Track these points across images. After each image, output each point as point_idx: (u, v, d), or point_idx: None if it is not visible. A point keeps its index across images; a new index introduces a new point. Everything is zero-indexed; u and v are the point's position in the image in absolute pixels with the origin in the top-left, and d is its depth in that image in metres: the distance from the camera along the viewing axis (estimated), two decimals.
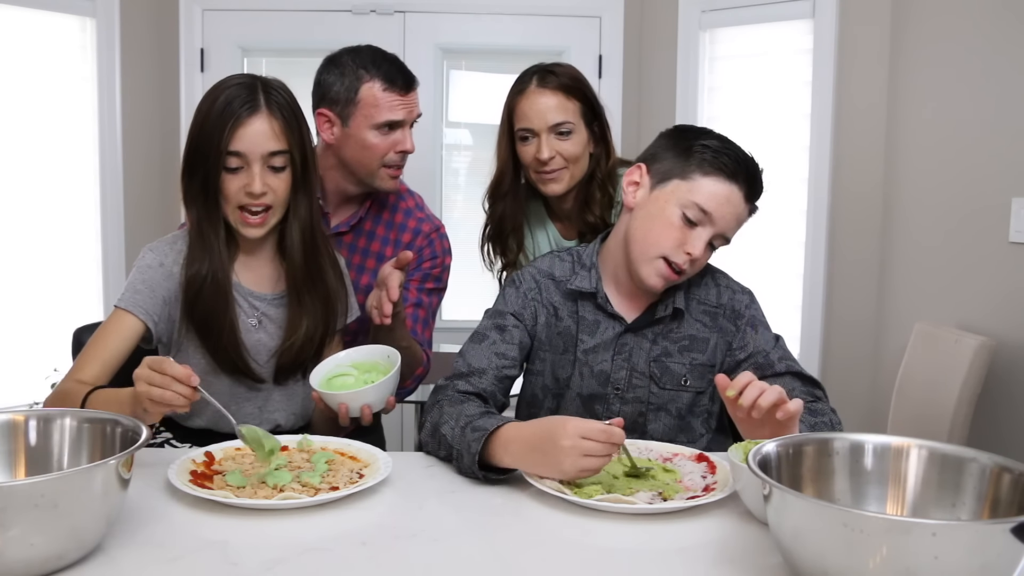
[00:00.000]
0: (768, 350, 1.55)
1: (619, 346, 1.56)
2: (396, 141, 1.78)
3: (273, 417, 1.61)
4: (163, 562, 1.04)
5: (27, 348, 3.08)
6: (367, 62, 1.77)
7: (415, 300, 1.84)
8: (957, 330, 2.41)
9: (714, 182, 1.46)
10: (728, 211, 1.47)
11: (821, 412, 1.46)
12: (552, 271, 1.61)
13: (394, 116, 1.76)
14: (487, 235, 1.99)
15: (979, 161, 2.48)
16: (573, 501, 1.22)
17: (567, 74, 1.85)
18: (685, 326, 1.56)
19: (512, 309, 1.59)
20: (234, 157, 1.46)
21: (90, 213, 3.31)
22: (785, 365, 1.53)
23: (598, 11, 3.54)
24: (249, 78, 1.51)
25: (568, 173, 1.84)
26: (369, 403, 1.47)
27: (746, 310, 1.58)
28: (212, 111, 1.47)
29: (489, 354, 1.54)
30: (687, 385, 1.55)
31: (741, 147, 1.51)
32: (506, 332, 1.56)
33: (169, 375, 1.25)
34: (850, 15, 3.04)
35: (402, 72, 1.79)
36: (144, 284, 1.52)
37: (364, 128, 1.76)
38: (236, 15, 3.51)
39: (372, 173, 1.80)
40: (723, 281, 1.61)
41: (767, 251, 3.20)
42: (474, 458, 1.30)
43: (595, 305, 1.57)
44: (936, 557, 0.84)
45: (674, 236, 1.47)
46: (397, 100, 1.76)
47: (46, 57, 3.14)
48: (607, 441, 1.22)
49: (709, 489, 1.29)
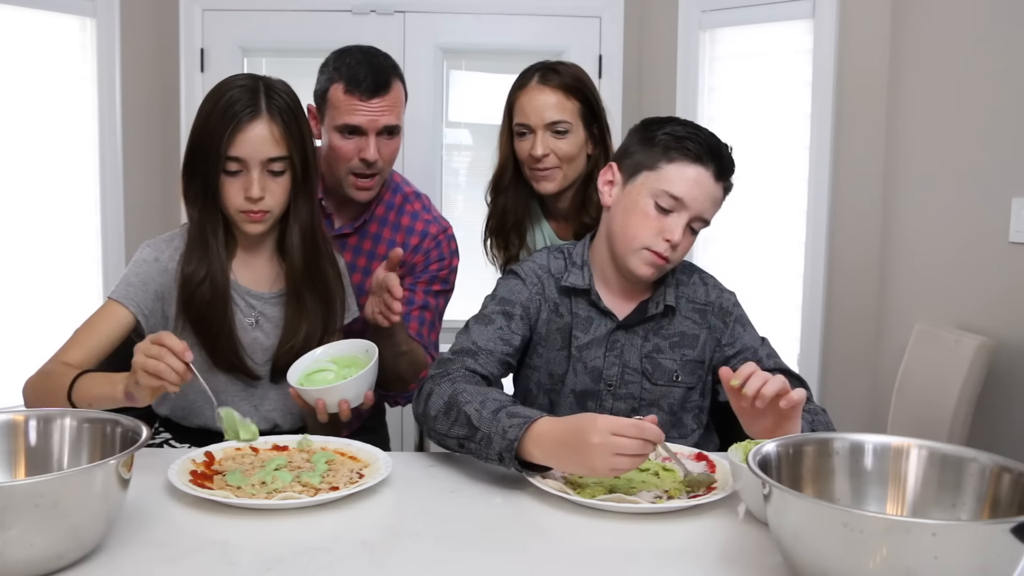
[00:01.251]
0: (756, 347, 1.58)
1: (611, 343, 1.57)
2: (361, 147, 1.72)
3: (271, 416, 1.61)
4: (163, 562, 1.04)
5: (27, 348, 3.08)
6: (342, 62, 1.73)
7: (421, 302, 1.82)
8: (957, 330, 2.41)
9: (680, 167, 1.48)
10: (699, 193, 1.49)
11: (815, 411, 1.48)
12: (549, 267, 1.62)
13: (351, 120, 1.70)
14: (489, 228, 1.99)
15: (979, 161, 2.48)
16: (575, 501, 1.22)
17: (570, 74, 1.85)
18: (676, 323, 1.58)
19: (521, 300, 1.58)
20: (233, 162, 1.47)
21: (90, 213, 3.31)
22: (773, 362, 1.57)
23: (598, 11, 3.54)
24: (252, 80, 1.51)
25: (561, 173, 1.84)
26: (347, 398, 1.46)
27: (734, 308, 1.62)
28: (213, 113, 1.47)
29: (495, 338, 1.53)
30: (678, 381, 1.58)
31: (705, 129, 1.53)
32: (512, 321, 1.56)
33: (166, 346, 1.26)
34: (850, 15, 3.04)
35: (372, 76, 1.70)
36: (137, 278, 1.53)
37: (330, 129, 1.74)
38: (236, 15, 3.51)
39: (340, 179, 1.76)
40: (710, 281, 1.65)
41: (767, 251, 3.20)
42: (511, 445, 1.26)
43: (588, 302, 1.59)
44: (936, 557, 0.84)
45: (651, 226, 1.49)
46: (357, 104, 1.69)
47: (46, 57, 3.14)
48: (638, 437, 1.18)
49: (711, 489, 1.29)
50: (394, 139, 1.77)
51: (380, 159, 1.74)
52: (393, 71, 1.76)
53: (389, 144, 1.76)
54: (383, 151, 1.74)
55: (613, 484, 1.29)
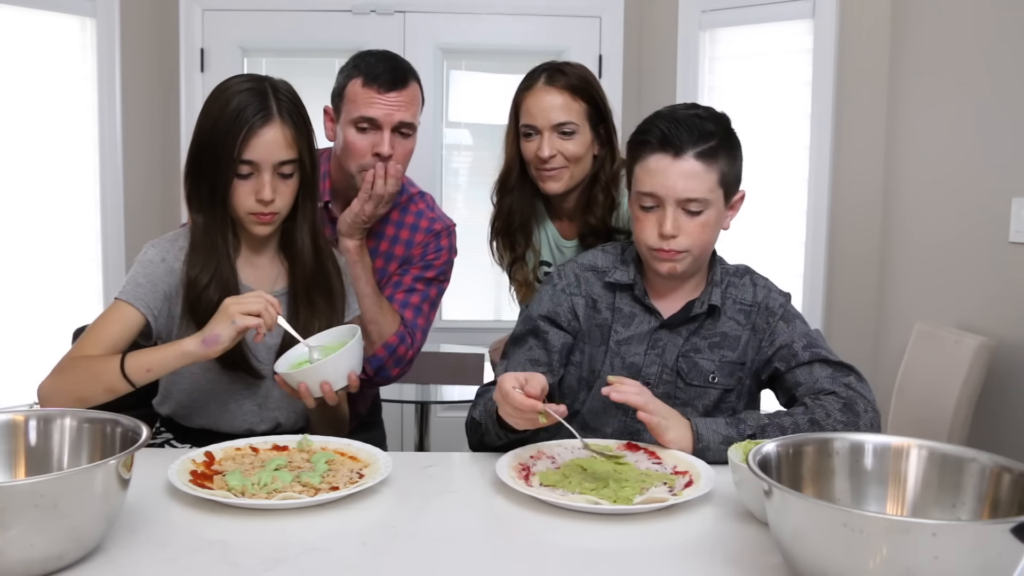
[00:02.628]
0: (793, 341, 1.55)
1: (653, 340, 1.57)
2: (375, 143, 1.73)
3: (273, 415, 1.62)
4: (163, 562, 1.04)
5: (27, 348, 3.08)
6: (361, 60, 1.75)
7: (408, 286, 1.83)
8: (957, 330, 2.41)
9: (643, 164, 1.50)
10: (665, 179, 1.47)
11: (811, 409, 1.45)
12: (596, 263, 1.64)
13: (368, 112, 1.71)
14: (495, 229, 1.99)
15: (979, 161, 2.48)
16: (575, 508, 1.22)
17: (577, 74, 1.85)
18: (719, 324, 1.58)
19: (543, 312, 1.61)
20: (246, 165, 1.47)
21: (90, 213, 3.31)
22: (811, 353, 1.53)
23: (598, 11, 3.55)
24: (257, 82, 1.51)
25: (568, 173, 1.84)
26: (328, 379, 1.45)
27: (780, 308, 1.59)
28: (223, 117, 1.47)
29: (524, 360, 1.59)
30: (715, 382, 1.56)
31: (663, 113, 1.52)
32: (540, 337, 1.60)
33: (264, 297, 1.41)
34: (850, 15, 3.04)
35: (391, 71, 1.72)
36: (146, 278, 1.53)
37: (346, 124, 1.75)
38: (236, 15, 3.51)
39: (352, 177, 1.77)
40: (761, 282, 1.63)
41: (767, 251, 3.20)
42: (492, 415, 1.40)
43: (632, 297, 1.59)
44: (936, 557, 0.84)
45: (647, 227, 1.51)
46: (375, 96, 1.71)
47: (46, 57, 3.14)
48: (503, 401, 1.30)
49: (691, 483, 1.29)
50: (408, 140, 1.78)
51: (394, 156, 1.74)
52: (411, 72, 1.78)
53: (404, 144, 1.77)
54: (397, 149, 1.75)
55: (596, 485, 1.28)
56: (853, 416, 1.43)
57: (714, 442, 1.39)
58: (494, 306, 3.69)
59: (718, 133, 1.49)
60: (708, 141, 1.47)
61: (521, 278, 1.96)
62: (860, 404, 1.45)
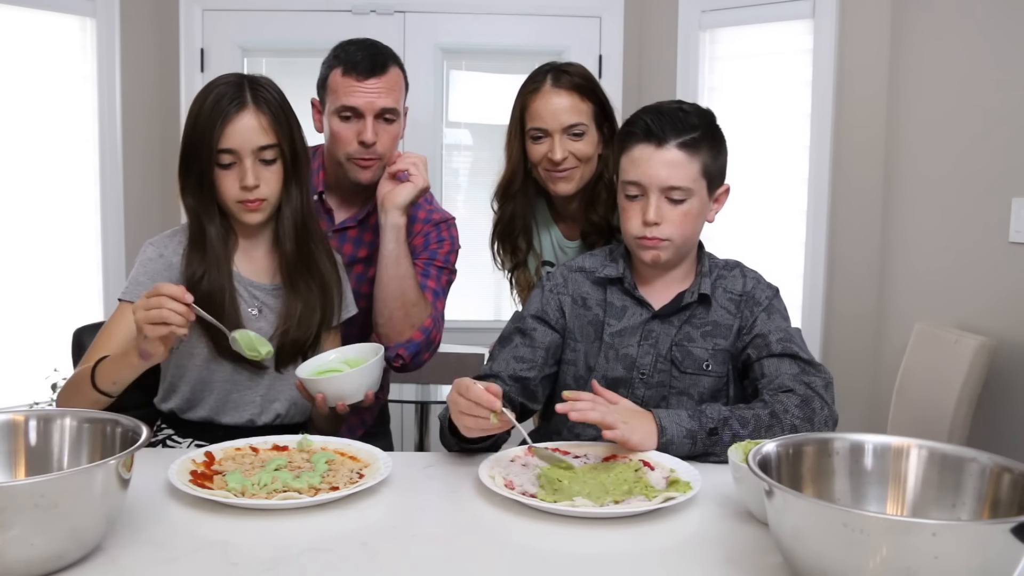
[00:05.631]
0: (769, 332, 1.56)
1: (646, 332, 1.59)
2: (359, 131, 1.74)
3: (274, 407, 1.62)
4: (163, 562, 1.04)
5: (27, 348, 3.08)
6: (341, 49, 1.77)
7: (422, 270, 1.82)
8: (957, 330, 2.41)
9: (628, 155, 1.55)
10: (647, 168, 1.52)
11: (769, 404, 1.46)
12: (583, 264, 1.68)
13: (349, 101, 1.72)
14: (497, 234, 1.98)
15: (979, 161, 2.48)
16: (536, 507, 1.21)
17: (580, 74, 1.85)
18: (711, 312, 1.60)
19: (532, 311, 1.65)
20: (226, 154, 1.51)
21: (90, 213, 3.31)
22: (783, 347, 1.54)
23: (598, 11, 3.55)
24: (237, 76, 1.56)
25: (579, 173, 1.84)
26: (346, 391, 1.51)
27: (765, 299, 1.61)
28: (202, 111, 1.52)
29: (508, 358, 1.61)
30: (709, 370, 1.58)
31: (650, 107, 1.57)
32: (527, 335, 1.63)
33: (163, 294, 1.32)
34: (850, 15, 3.04)
35: (369, 58, 1.73)
36: (146, 276, 1.57)
37: (330, 114, 1.77)
38: (236, 15, 3.52)
39: (342, 165, 1.79)
40: (750, 274, 1.66)
41: (767, 251, 3.20)
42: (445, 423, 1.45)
43: (622, 290, 1.62)
44: (936, 557, 0.84)
45: (632, 216, 1.55)
46: (354, 85, 1.72)
47: (46, 57, 3.14)
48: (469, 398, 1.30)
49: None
50: (393, 125, 1.78)
51: (378, 143, 1.75)
52: (391, 57, 1.78)
53: (388, 130, 1.77)
54: (382, 136, 1.75)
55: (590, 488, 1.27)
56: (809, 412, 1.46)
57: (677, 436, 1.41)
58: (494, 306, 3.69)
59: (701, 126, 1.54)
60: (691, 132, 1.53)
61: (524, 282, 1.96)
62: (816, 403, 1.48)
